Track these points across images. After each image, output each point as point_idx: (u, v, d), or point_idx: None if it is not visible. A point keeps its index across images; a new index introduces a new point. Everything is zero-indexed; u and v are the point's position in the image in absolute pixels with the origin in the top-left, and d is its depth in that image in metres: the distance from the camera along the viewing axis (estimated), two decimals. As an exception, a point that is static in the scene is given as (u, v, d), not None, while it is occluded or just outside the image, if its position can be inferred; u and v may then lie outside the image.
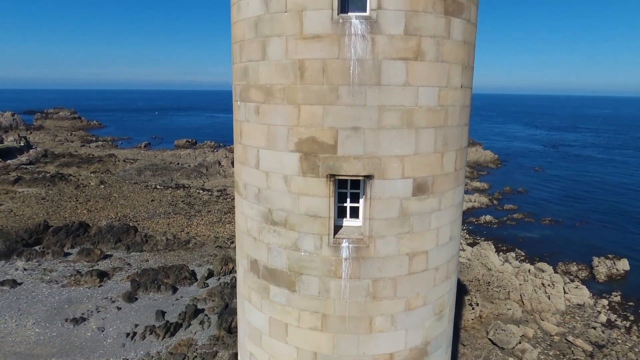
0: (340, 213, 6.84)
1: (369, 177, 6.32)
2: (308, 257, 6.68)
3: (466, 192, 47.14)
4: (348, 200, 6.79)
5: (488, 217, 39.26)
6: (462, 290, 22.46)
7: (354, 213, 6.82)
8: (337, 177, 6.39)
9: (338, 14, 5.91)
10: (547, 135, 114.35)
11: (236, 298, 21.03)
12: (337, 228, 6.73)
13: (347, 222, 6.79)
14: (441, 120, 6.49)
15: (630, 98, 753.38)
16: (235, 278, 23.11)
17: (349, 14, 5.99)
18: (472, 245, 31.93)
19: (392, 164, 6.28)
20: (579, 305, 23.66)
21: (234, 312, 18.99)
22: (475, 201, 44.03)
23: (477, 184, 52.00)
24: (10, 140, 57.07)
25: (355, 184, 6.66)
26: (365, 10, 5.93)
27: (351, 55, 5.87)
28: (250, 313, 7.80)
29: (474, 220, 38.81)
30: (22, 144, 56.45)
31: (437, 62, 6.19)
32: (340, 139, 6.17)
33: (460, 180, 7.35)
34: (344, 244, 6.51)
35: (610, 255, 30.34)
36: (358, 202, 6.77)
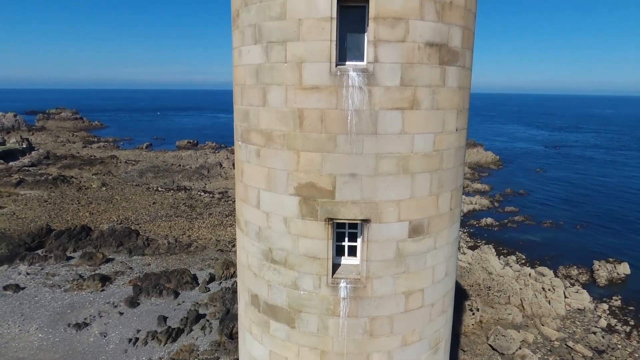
0: (339, 251, 7.00)
1: (366, 221, 6.53)
2: (307, 296, 6.89)
3: (467, 194, 47.20)
4: (346, 239, 6.98)
5: (489, 220, 39.30)
6: (462, 295, 22.55)
7: (352, 251, 6.98)
8: (335, 221, 6.59)
9: (336, 66, 6.07)
10: (549, 136, 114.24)
11: (237, 303, 21.16)
12: (336, 266, 6.90)
13: (345, 260, 6.97)
14: (436, 165, 6.69)
15: (631, 97, 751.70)
16: (237, 283, 23.28)
17: (347, 65, 6.18)
18: (472, 248, 31.99)
19: (389, 208, 6.48)
20: (579, 309, 23.71)
21: (235, 317, 19.11)
22: (476, 203, 44.07)
23: (478, 185, 52.01)
24: (12, 142, 57.28)
25: (353, 224, 6.87)
26: (362, 60, 6.09)
27: (349, 106, 6.06)
28: (252, 345, 8.02)
29: (475, 222, 38.86)
30: (24, 146, 56.65)
31: (432, 110, 6.39)
32: (338, 185, 6.38)
33: (455, 218, 7.57)
34: (342, 284, 6.71)
35: (610, 259, 30.38)
36: (356, 241, 6.94)
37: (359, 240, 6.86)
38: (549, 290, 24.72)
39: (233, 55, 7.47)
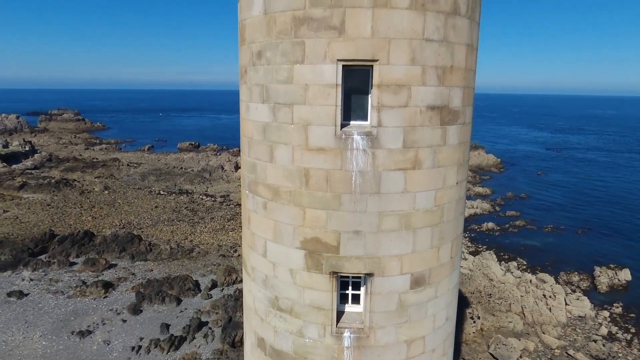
0: (342, 298, 7.19)
1: (369, 274, 6.74)
2: (312, 344, 7.08)
3: (468, 197, 47.25)
4: (350, 287, 7.20)
5: (490, 225, 39.35)
6: (463, 303, 22.63)
7: (355, 298, 7.17)
8: (339, 274, 6.81)
9: (341, 129, 6.26)
10: (551, 138, 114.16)
11: (239, 311, 21.32)
12: (340, 314, 7.09)
13: (349, 307, 7.18)
14: (437, 219, 6.87)
15: (633, 98, 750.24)
16: (239, 290, 23.40)
17: (352, 125, 6.34)
18: (474, 254, 32.06)
19: (391, 262, 6.69)
20: (580, 317, 23.76)
21: (237, 325, 19.24)
22: (477, 207, 44.12)
23: (479, 189, 52.07)
24: (15, 145, 57.52)
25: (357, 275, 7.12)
26: (366, 119, 6.30)
27: (353, 167, 6.27)
28: None
29: (476, 227, 38.92)
30: (27, 149, 56.89)
31: (433, 168, 6.61)
32: (342, 241, 6.57)
33: (455, 265, 7.77)
34: (346, 333, 6.92)
35: (612, 265, 30.40)
36: (359, 289, 7.16)
37: (362, 290, 7.05)
38: (550, 297, 24.80)
39: (240, 107, 7.69)
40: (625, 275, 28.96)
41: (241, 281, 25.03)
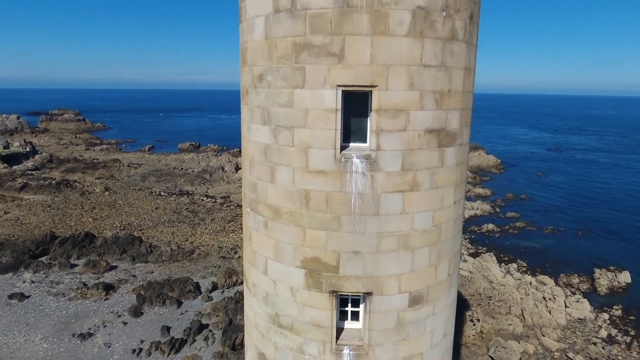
0: (342, 315, 7.27)
1: (368, 293, 6.86)
2: None
3: (468, 199, 47.30)
4: (349, 305, 7.30)
5: (490, 226, 39.40)
6: (463, 305, 22.68)
7: (355, 315, 7.26)
8: (339, 293, 6.93)
9: (340, 152, 6.36)
10: (551, 138, 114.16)
11: (240, 314, 21.38)
12: (339, 330, 7.18)
13: (348, 324, 7.28)
14: (435, 238, 6.97)
15: (633, 98, 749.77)
16: (239, 292, 23.45)
17: (351, 146, 6.43)
18: (474, 255, 32.12)
19: (390, 281, 6.80)
20: (579, 319, 23.81)
21: (237, 328, 19.29)
22: (477, 209, 44.16)
23: (479, 190, 52.11)
24: (16, 146, 57.60)
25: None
26: (365, 141, 6.39)
27: (352, 189, 6.38)
28: None
29: (476, 229, 38.96)
30: (27, 149, 56.97)
31: (431, 189, 6.70)
32: (342, 261, 6.70)
33: (453, 282, 7.86)
34: (345, 350, 7.02)
35: (611, 267, 30.45)
36: (358, 306, 7.26)
37: (361, 307, 7.14)
38: (550, 299, 24.85)
39: (242, 127, 7.79)
40: (625, 277, 29.01)
41: (241, 283, 25.09)
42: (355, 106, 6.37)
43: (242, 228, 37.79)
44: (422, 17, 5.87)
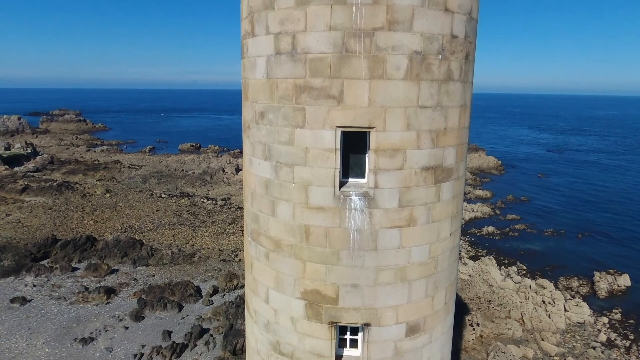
0: (341, 341, 7.38)
1: (366, 324, 7.01)
2: None
3: (469, 201, 47.35)
4: (348, 333, 7.42)
5: (490, 228, 39.45)
6: (462, 309, 22.76)
7: (354, 342, 7.37)
8: (338, 324, 7.08)
9: (340, 190, 6.49)
10: (552, 139, 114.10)
11: (240, 319, 21.48)
12: (339, 358, 7.31)
13: (347, 351, 7.42)
14: (432, 270, 7.12)
15: (635, 98, 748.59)
16: (239, 296, 23.56)
17: (350, 182, 6.55)
18: (473, 258, 32.18)
19: (387, 313, 6.95)
20: (579, 323, 23.88)
21: (238, 333, 19.39)
22: (477, 211, 44.21)
23: (479, 192, 52.15)
24: (17, 147, 57.77)
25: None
26: (363, 177, 6.53)
27: (351, 225, 6.54)
28: None
29: (476, 231, 39.02)
30: (28, 151, 57.13)
31: (428, 224, 6.85)
32: (341, 293, 6.87)
33: (449, 309, 7.99)
34: None
35: (611, 270, 30.50)
36: (357, 334, 7.38)
37: (359, 336, 7.25)
38: (549, 303, 24.92)
39: (244, 159, 7.96)
40: (624, 280, 29.06)
41: (242, 287, 25.20)
42: (354, 144, 6.52)
43: (242, 230, 37.83)
44: (418, 61, 6.00)
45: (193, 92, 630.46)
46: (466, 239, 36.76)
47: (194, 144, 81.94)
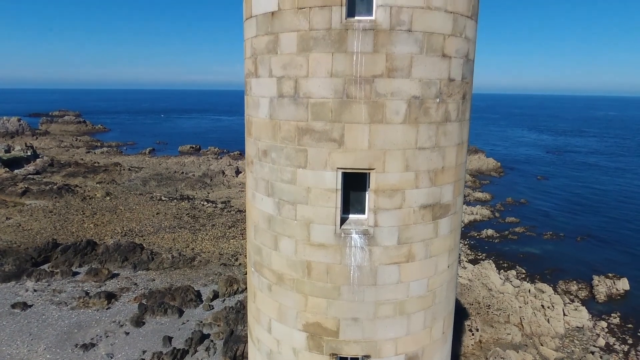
0: None
1: (366, 356, 7.17)
2: None
3: (468, 203, 47.45)
4: None
5: (489, 231, 39.54)
6: (462, 314, 22.85)
7: None
8: (339, 356, 7.25)
9: (340, 228, 6.66)
10: (552, 140, 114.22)
11: (240, 324, 21.57)
12: None
13: None
14: (430, 302, 7.28)
15: (634, 98, 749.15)
16: (240, 301, 23.65)
17: (350, 218, 6.72)
18: (473, 262, 32.26)
19: (387, 345, 7.09)
20: (578, 327, 23.97)
21: (239, 339, 19.48)
22: (477, 214, 44.30)
23: (479, 194, 52.23)
24: (17, 150, 57.85)
25: None
26: (363, 213, 6.66)
27: (351, 262, 6.72)
28: None
29: (476, 234, 39.12)
30: (29, 153, 57.20)
31: (426, 259, 7.01)
32: (342, 326, 7.03)
33: (447, 338, 8.13)
34: None
35: (610, 274, 30.58)
36: None
37: None
38: (548, 307, 25.01)
39: (247, 192, 8.08)
40: (623, 284, 29.16)
41: (242, 292, 25.29)
42: (355, 183, 6.67)
43: (242, 234, 37.75)
44: (417, 105, 6.16)
45: (192, 93, 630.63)
46: (466, 242, 36.86)
47: (193, 146, 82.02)
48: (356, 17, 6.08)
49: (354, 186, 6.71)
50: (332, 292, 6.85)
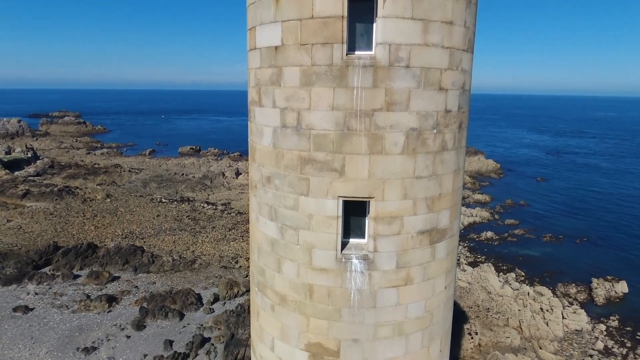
0: None
1: None
2: None
3: (468, 205, 47.59)
4: None
5: (489, 234, 39.67)
6: (461, 318, 22.97)
7: None
8: None
9: (341, 253, 6.89)
10: (551, 141, 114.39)
11: (241, 328, 21.68)
12: None
13: None
14: (427, 322, 7.52)
15: (634, 99, 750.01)
16: (240, 305, 23.76)
17: (351, 242, 6.95)
18: (472, 264, 32.40)
19: None
20: (576, 331, 24.10)
21: (239, 343, 19.60)
22: (476, 216, 44.43)
23: (478, 196, 52.36)
24: (18, 151, 57.95)
25: None
26: (363, 237, 6.92)
27: (352, 286, 6.97)
28: None
29: (475, 237, 39.24)
30: (29, 155, 57.30)
31: (424, 281, 7.26)
32: (342, 347, 7.23)
33: (444, 355, 8.38)
34: None
35: (609, 277, 30.70)
36: None
37: None
38: (547, 311, 25.13)
39: (250, 215, 8.31)
40: (622, 287, 29.29)
41: (242, 294, 25.42)
42: (355, 210, 6.91)
43: (242, 236, 37.74)
44: (414, 136, 6.43)
45: (192, 93, 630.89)
46: (465, 245, 36.98)
47: (193, 147, 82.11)
48: (356, 53, 6.33)
49: (354, 212, 6.92)
50: (333, 314, 7.07)
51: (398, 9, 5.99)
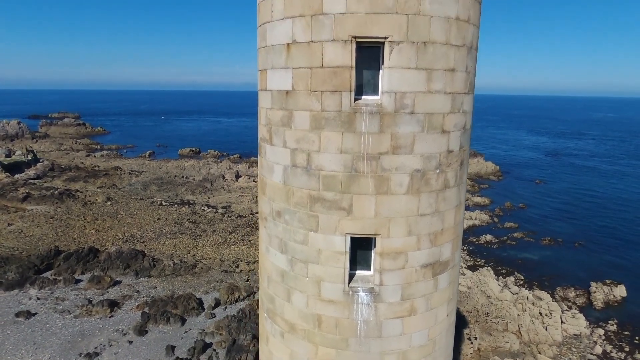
0: None
1: None
2: None
3: (467, 208, 47.75)
4: None
5: (488, 237, 39.83)
6: (461, 323, 23.14)
7: None
8: None
9: (349, 286, 7.19)
10: (550, 143, 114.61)
11: (243, 334, 21.82)
12: None
13: None
14: (430, 349, 7.85)
15: (633, 99, 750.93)
16: (241, 310, 23.90)
17: (357, 274, 7.24)
18: (472, 268, 32.55)
19: None
20: (575, 335, 24.26)
21: (241, 349, 19.74)
22: (476, 219, 44.61)
23: (477, 199, 52.55)
24: (18, 154, 58.03)
25: None
26: (369, 269, 7.24)
27: (359, 317, 7.25)
28: None
29: (475, 240, 39.41)
30: (29, 158, 57.39)
31: (427, 311, 7.53)
32: None
33: None
34: None
35: (607, 281, 30.87)
36: None
37: None
38: (546, 315, 25.30)
39: (260, 246, 8.58)
40: (620, 291, 29.45)
41: (243, 299, 25.57)
42: (362, 245, 7.20)
43: (242, 240, 37.79)
44: (418, 177, 6.76)
45: (192, 94, 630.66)
46: (465, 248, 37.13)
47: (193, 149, 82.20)
48: (363, 98, 6.66)
49: (361, 246, 7.18)
50: (341, 343, 7.30)
51: (403, 60, 6.31)
